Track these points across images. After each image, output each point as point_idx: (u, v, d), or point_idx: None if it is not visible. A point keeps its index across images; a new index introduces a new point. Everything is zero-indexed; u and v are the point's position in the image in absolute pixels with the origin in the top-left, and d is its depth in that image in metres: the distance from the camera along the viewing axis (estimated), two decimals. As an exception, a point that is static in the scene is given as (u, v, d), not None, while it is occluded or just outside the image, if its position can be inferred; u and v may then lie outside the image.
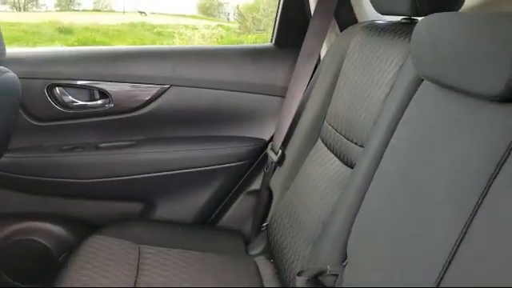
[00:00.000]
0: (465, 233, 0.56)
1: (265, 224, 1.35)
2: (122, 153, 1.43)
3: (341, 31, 1.35)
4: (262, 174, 1.44)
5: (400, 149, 0.77)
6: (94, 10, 5.49)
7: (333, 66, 1.23)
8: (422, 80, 0.78)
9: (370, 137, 0.90)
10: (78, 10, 5.47)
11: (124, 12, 5.33)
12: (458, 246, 0.56)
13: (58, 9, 5.57)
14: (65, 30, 4.68)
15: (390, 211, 0.73)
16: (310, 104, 1.31)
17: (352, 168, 0.97)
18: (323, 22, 1.32)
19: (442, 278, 0.57)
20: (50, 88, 1.38)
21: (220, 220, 1.51)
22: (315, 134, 1.25)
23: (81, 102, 1.41)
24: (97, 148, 1.43)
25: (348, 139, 1.05)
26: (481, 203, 0.55)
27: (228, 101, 1.46)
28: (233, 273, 1.22)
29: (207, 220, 1.51)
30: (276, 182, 1.35)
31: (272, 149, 1.40)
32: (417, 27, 0.75)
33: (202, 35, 4.41)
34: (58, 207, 1.45)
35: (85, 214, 1.46)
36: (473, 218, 0.56)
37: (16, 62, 1.30)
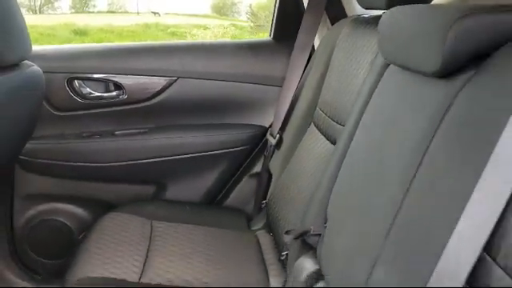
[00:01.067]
0: (409, 186, 0.68)
1: (264, 202, 1.47)
2: (136, 139, 1.57)
3: (332, 25, 1.47)
4: (263, 157, 1.57)
5: (368, 124, 0.89)
6: (108, 12, 5.60)
7: (324, 56, 1.35)
8: (389, 64, 0.90)
9: (349, 116, 1.02)
10: (92, 12, 5.58)
11: (138, 13, 5.42)
12: (404, 197, 0.68)
13: (73, 11, 5.70)
14: (80, 32, 4.74)
15: (358, 177, 0.85)
16: (304, 92, 1.43)
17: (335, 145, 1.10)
18: (315, 17, 1.44)
19: (392, 226, 0.69)
20: (70, 81, 1.52)
21: (225, 200, 1.64)
22: (309, 119, 1.37)
23: (97, 94, 1.55)
24: (113, 135, 1.56)
25: (333, 120, 1.17)
26: (421, 162, 0.67)
27: (231, 91, 1.58)
28: (236, 244, 1.35)
29: (213, 200, 1.64)
30: (274, 164, 1.48)
31: (271, 134, 1.53)
32: (382, 19, 0.87)
33: (215, 34, 4.51)
34: (79, 189, 1.58)
35: (103, 195, 1.59)
36: (416, 174, 0.68)
37: (40, 57, 1.42)
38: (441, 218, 0.61)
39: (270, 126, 1.56)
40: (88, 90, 1.54)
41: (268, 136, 1.54)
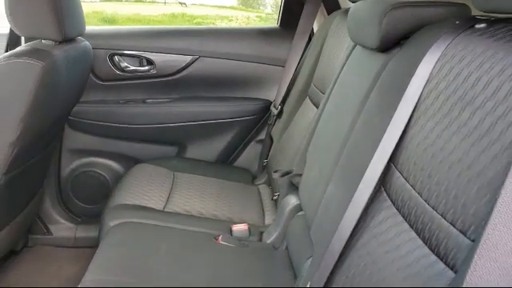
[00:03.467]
0: (354, 127, 0.98)
1: (265, 161, 1.78)
2: (162, 107, 1.89)
3: (328, 15, 1.75)
4: (267, 125, 1.87)
5: (336, 90, 1.19)
6: (136, 1, 5.82)
7: (319, 42, 1.64)
8: (356, 45, 1.19)
9: (327, 87, 1.31)
10: (121, 1, 5.79)
11: (165, 3, 5.64)
12: (350, 135, 0.98)
13: (103, -1, 5.89)
14: (108, 20, 4.88)
15: (326, 127, 1.15)
16: (302, 71, 1.73)
17: (319, 109, 1.39)
18: (313, 8, 1.73)
19: (340, 155, 0.99)
20: (111, 56, 1.84)
21: (234, 161, 1.95)
22: (305, 93, 1.66)
23: (132, 68, 1.87)
24: (144, 102, 1.89)
25: (320, 92, 1.47)
26: (362, 109, 0.97)
27: (242, 69, 1.89)
28: (240, 192, 1.65)
29: (225, 161, 1.95)
30: (275, 131, 1.78)
31: (274, 106, 1.83)
32: (350, 10, 1.16)
33: (240, 26, 4.73)
34: (114, 147, 1.90)
35: (133, 152, 1.91)
36: (357, 118, 0.97)
37: (89, 36, 1.71)
38: (370, 145, 0.89)
39: (274, 100, 1.86)
40: (125, 64, 1.87)
41: (271, 108, 1.84)
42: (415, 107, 0.79)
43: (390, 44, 0.95)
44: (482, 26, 0.75)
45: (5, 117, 1.22)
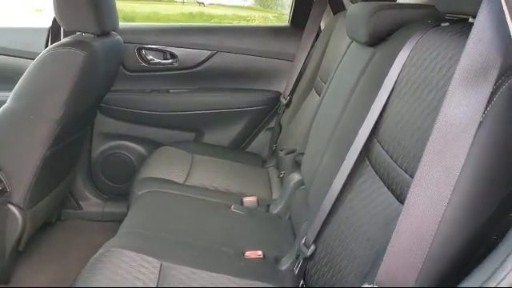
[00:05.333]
0: (344, 109, 1.17)
1: (275, 145, 1.97)
2: (183, 96, 2.10)
3: (334, 15, 1.94)
4: (277, 115, 2.07)
5: (333, 80, 1.38)
6: (155, 0, 5.99)
7: (325, 39, 1.83)
8: (352, 41, 1.38)
9: (329, 77, 1.51)
10: (139, 0, 5.95)
11: (183, 2, 5.78)
12: (342, 115, 1.17)
13: (122, -2, 6.00)
14: (127, 18, 5.03)
15: (324, 111, 1.35)
16: (309, 65, 1.92)
17: (322, 97, 1.59)
18: (321, 9, 1.93)
19: (335, 132, 1.18)
20: (139, 50, 2.06)
21: (247, 147, 2.15)
22: (311, 85, 1.85)
23: (157, 60, 2.08)
24: (167, 92, 2.10)
25: (324, 83, 1.65)
26: (352, 94, 1.16)
27: (255, 63, 2.09)
28: (251, 173, 1.85)
29: (238, 146, 2.15)
30: (284, 119, 1.98)
31: (283, 97, 2.02)
32: (348, 11, 1.35)
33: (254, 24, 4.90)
34: (139, 131, 2.11)
35: (156, 137, 2.11)
36: (348, 101, 1.16)
37: (120, 31, 1.92)
38: (356, 122, 1.08)
39: (283, 91, 2.05)
40: (151, 57, 2.08)
41: (281, 98, 2.03)
42: (392, 90, 0.97)
43: (376, 39, 1.14)
44: (446, 24, 0.93)
45: (52, 98, 1.44)
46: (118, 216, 1.89)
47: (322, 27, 2.00)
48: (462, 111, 0.62)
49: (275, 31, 2.15)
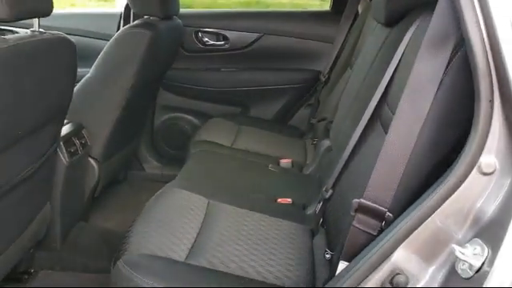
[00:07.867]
0: (364, 80, 1.38)
1: (313, 119, 2.20)
2: (233, 74, 2.37)
3: (370, 1, 2.12)
4: (316, 92, 2.29)
5: (359, 57, 1.59)
6: None
7: (361, 23, 2.02)
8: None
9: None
10: None
11: None
12: (361, 86, 1.38)
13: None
14: (185, 5, 5.33)
15: (350, 86, 1.56)
16: (347, 47, 2.12)
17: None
18: (358, -5, 2.12)
19: (355, 99, 1.39)
20: (195, 33, 2.34)
21: (288, 121, 2.40)
22: (347, 65, 2.05)
23: (212, 42, 2.36)
24: (219, 70, 2.38)
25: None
26: (371, 67, 1.37)
27: (298, 45, 2.32)
28: (289, 142, 2.09)
29: (280, 120, 2.40)
30: (322, 96, 2.20)
31: (322, 75, 2.24)
32: (374, -4, 1.55)
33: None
34: (194, 105, 2.40)
35: (208, 110, 2.39)
36: (367, 74, 1.37)
37: (180, 16, 2.20)
38: (373, 91, 1.28)
39: (323, 70, 2.27)
40: (206, 39, 2.36)
41: (320, 77, 2.25)
42: (398, 63, 1.18)
43: (393, 20, 1.33)
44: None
45: (124, 70, 1.75)
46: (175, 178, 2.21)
47: (360, 11, 2.19)
48: (428, 69, 0.83)
49: (317, 16, 2.37)
